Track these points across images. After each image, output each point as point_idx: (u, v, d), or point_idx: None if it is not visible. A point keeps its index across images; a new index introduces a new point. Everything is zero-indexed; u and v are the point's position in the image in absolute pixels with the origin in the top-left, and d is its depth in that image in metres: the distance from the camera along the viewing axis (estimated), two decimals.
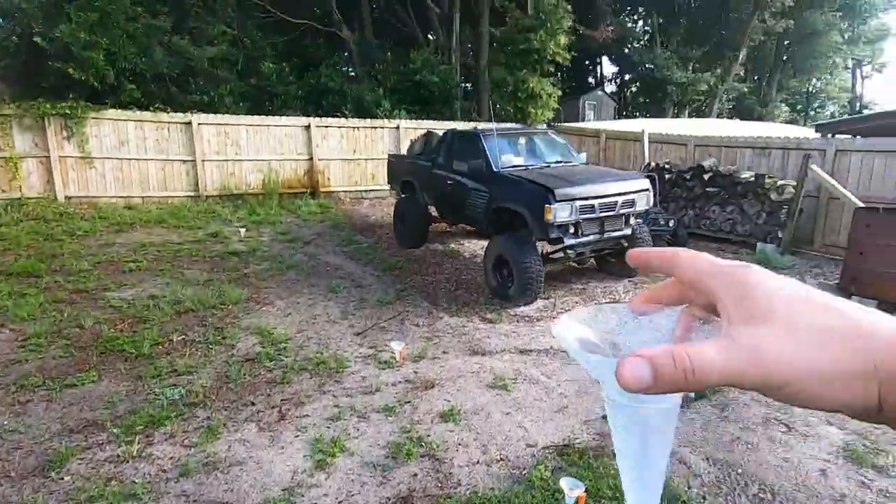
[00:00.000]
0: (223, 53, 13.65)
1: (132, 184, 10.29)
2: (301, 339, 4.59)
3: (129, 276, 6.19)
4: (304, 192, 11.84)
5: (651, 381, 0.27)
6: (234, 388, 3.71)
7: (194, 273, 6.40)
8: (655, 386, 0.27)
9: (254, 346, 4.41)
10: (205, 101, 12.44)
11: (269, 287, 5.99)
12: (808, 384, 0.26)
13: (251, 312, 5.17)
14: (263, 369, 3.99)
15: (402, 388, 3.73)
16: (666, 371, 0.27)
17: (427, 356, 4.26)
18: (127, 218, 9.08)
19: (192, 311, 5.13)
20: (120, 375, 3.85)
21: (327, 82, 14.71)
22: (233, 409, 3.42)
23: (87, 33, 9.86)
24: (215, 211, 10.10)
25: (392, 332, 4.77)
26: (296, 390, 3.68)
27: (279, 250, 7.68)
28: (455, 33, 17.08)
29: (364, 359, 4.20)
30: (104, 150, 9.97)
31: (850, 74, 36.10)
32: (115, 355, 4.16)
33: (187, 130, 10.65)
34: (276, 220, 9.78)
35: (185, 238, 8.20)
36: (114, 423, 3.23)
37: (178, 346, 4.38)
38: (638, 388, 0.28)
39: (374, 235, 8.86)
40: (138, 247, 7.50)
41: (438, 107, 15.21)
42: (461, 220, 6.96)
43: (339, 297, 5.67)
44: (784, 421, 3.30)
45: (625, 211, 5.61)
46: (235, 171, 11.25)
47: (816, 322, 0.27)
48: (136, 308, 5.15)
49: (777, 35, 18.97)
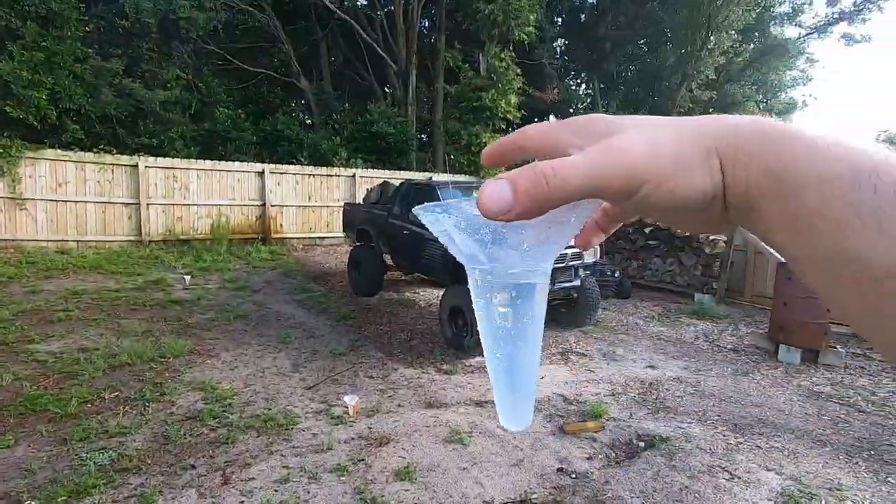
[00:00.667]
0: (176, 97, 13.50)
1: (67, 227, 9.71)
2: (248, 393, 4.37)
3: (57, 327, 5.73)
4: (256, 238, 11.58)
5: (511, 197, 0.27)
6: (173, 449, 3.45)
7: (132, 323, 6.02)
8: (517, 202, 0.27)
9: (196, 402, 4.15)
10: (154, 144, 12.14)
11: (215, 338, 5.71)
12: (663, 172, 0.27)
13: (194, 366, 4.89)
14: (206, 428, 3.75)
15: (355, 444, 3.61)
16: (525, 182, 0.27)
17: (381, 410, 4.15)
18: (58, 263, 8.50)
19: (127, 364, 4.80)
20: (41, 439, 3.50)
21: (283, 129, 14.78)
22: (170, 474, 3.17)
23: (29, 72, 9.53)
24: (158, 257, 9.65)
25: (345, 385, 4.64)
26: (241, 451, 3.47)
27: (226, 299, 7.39)
28: (411, 88, 17.77)
29: (315, 414, 4.05)
30: (38, 191, 9.43)
31: None
32: (37, 416, 3.79)
33: (133, 173, 10.30)
34: (225, 266, 9.45)
35: (124, 285, 7.75)
36: (31, 494, 2.91)
37: (111, 404, 4.05)
38: (499, 209, 0.27)
39: (328, 284, 8.71)
40: (70, 294, 7.01)
41: (394, 157, 15.55)
42: (417, 270, 7.01)
43: (290, 349, 5.48)
44: (727, 469, 3.44)
45: (574, 263, 5.87)
46: (183, 215, 10.89)
47: (663, 122, 0.29)
48: (64, 362, 4.75)
49: (703, 103, 21.15)
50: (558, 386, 4.76)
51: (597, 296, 6.46)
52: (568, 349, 5.82)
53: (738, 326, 7.12)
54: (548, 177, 0.26)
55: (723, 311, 7.78)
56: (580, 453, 3.58)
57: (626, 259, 9.45)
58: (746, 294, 8.48)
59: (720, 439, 3.84)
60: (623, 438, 3.81)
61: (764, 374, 5.30)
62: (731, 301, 8.34)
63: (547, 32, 21.16)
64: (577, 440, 3.76)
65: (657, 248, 9.04)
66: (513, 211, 0.27)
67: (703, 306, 7.75)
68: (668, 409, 4.35)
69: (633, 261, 9.37)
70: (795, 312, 5.58)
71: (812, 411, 4.42)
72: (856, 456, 3.67)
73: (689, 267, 8.61)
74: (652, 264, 9.10)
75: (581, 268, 6.03)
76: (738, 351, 6.07)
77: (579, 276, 6.03)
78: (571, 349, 5.83)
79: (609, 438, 3.80)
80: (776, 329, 5.81)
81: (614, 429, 3.95)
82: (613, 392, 4.68)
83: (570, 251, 5.83)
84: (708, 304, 7.88)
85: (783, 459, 3.58)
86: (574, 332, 6.49)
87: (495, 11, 15.59)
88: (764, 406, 4.49)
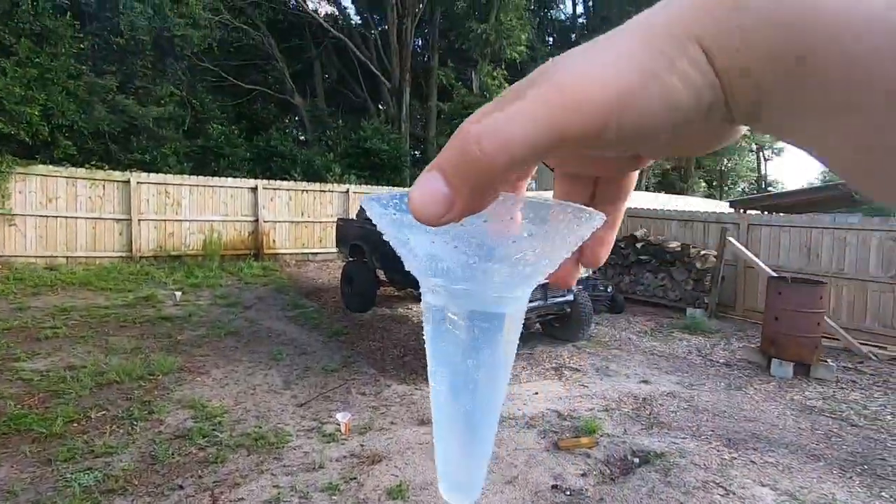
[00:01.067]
0: (169, 114, 13.55)
1: (57, 243, 9.62)
2: (238, 411, 4.30)
3: (43, 345, 5.64)
4: (248, 254, 11.52)
5: (445, 185, 0.20)
6: (161, 469, 3.38)
7: (121, 340, 5.94)
8: (452, 187, 0.20)
9: (185, 420, 4.08)
10: (147, 160, 12.13)
11: (205, 355, 5.64)
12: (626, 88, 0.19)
13: (183, 383, 4.82)
14: (195, 447, 3.68)
15: (347, 463, 3.55)
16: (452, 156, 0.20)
17: (374, 427, 4.11)
18: (47, 279, 8.40)
19: (115, 383, 4.71)
20: (24, 460, 3.41)
21: (277, 145, 14.84)
22: (157, 495, 3.10)
23: (22, 88, 9.53)
24: (149, 273, 9.56)
25: (337, 401, 4.59)
26: (231, 470, 3.41)
27: (218, 315, 7.32)
28: (405, 105, 17.98)
29: (307, 432, 3.99)
30: (28, 206, 9.36)
31: (754, 156, 40.98)
32: (21, 436, 3.70)
33: (125, 188, 10.26)
34: (216, 282, 9.38)
35: (113, 302, 7.66)
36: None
37: (98, 423, 3.97)
38: (436, 211, 0.20)
39: (321, 300, 8.66)
40: (57, 311, 6.91)
41: (388, 173, 15.64)
42: (411, 285, 7.00)
43: (282, 365, 5.42)
44: (722, 484, 3.42)
45: None
46: (175, 231, 10.83)
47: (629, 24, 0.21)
48: (50, 380, 4.66)
49: None
50: (552, 401, 4.74)
51: (590, 310, 6.47)
52: (562, 364, 5.81)
53: (730, 341, 7.15)
54: (481, 138, 0.19)
55: (714, 325, 7.82)
56: (574, 470, 3.55)
57: (619, 274, 9.50)
58: (738, 308, 8.54)
59: (714, 454, 3.83)
60: (617, 454, 3.79)
61: (757, 389, 5.31)
62: (722, 315, 8.39)
63: (538, 51, 21.59)
64: (571, 456, 3.74)
65: (648, 263, 9.10)
66: (455, 207, 0.20)
67: (695, 321, 7.79)
68: (662, 425, 4.34)
69: (626, 275, 9.42)
70: (785, 327, 5.62)
71: (805, 426, 4.43)
72: (849, 470, 3.67)
73: (680, 282, 8.67)
74: (644, 279, 9.15)
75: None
76: (730, 365, 6.08)
77: (572, 290, 6.04)
78: (565, 364, 5.81)
79: (603, 454, 3.78)
80: (768, 343, 5.84)
81: (608, 445, 3.93)
82: (607, 407, 4.67)
83: None
84: (700, 318, 7.91)
85: (777, 474, 3.57)
86: (567, 346, 6.48)
87: (487, 31, 15.90)
88: (757, 421, 4.49)
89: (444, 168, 0.20)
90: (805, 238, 7.91)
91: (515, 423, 4.25)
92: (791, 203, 9.82)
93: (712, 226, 9.05)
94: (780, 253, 8.16)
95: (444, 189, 0.20)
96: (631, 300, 9.08)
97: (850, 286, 7.37)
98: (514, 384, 5.13)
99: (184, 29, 13.27)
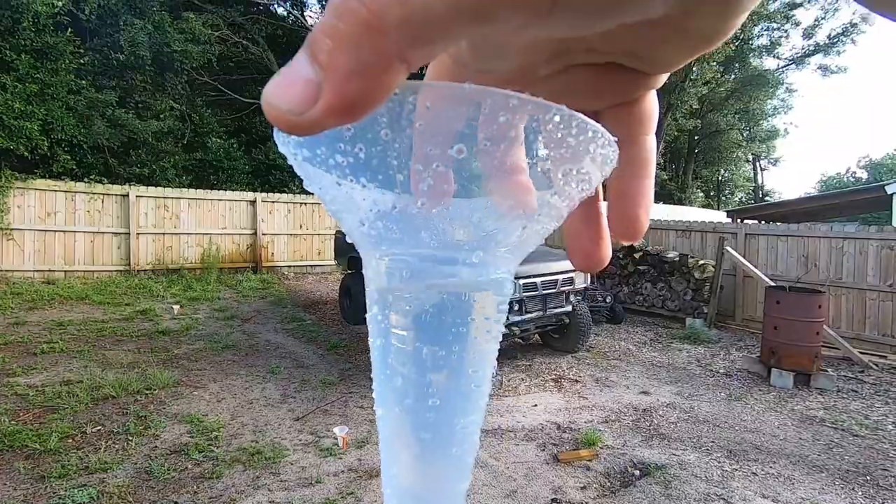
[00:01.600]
0: (169, 128, 13.61)
1: (55, 257, 9.62)
2: (235, 426, 4.26)
3: (40, 359, 5.60)
4: (247, 267, 11.51)
5: (308, 65, 0.13)
6: (156, 485, 3.34)
7: (118, 355, 5.90)
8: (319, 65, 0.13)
9: (181, 435, 4.04)
10: (146, 174, 12.17)
11: (202, 369, 5.60)
12: None
13: (180, 398, 4.78)
14: (191, 462, 3.64)
15: (344, 477, 3.52)
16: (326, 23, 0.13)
17: (372, 441, 4.07)
18: (44, 294, 8.37)
19: (111, 397, 4.68)
20: (17, 476, 3.37)
21: (276, 159, 14.89)
22: None
23: (22, 104, 9.59)
24: (147, 286, 9.54)
25: (335, 415, 4.55)
26: (227, 486, 3.37)
27: (215, 328, 7.29)
28: None
29: (304, 446, 3.95)
30: (26, 221, 9.37)
31: (751, 166, 41.19)
32: (15, 452, 3.66)
33: (123, 202, 10.28)
34: (214, 295, 9.35)
35: (111, 316, 7.63)
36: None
37: (93, 438, 3.93)
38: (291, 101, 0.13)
39: (319, 312, 8.64)
40: (54, 325, 6.88)
41: None
42: None
43: (279, 379, 5.39)
44: (723, 496, 3.38)
45: (565, 288, 5.88)
46: (173, 244, 10.84)
47: None
48: (46, 395, 4.63)
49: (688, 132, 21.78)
50: (551, 413, 4.70)
51: (588, 321, 6.46)
52: (561, 375, 5.78)
53: (730, 350, 7.13)
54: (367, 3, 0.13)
55: (714, 335, 7.79)
56: (574, 483, 3.52)
57: (618, 284, 9.49)
58: (737, 318, 8.52)
59: (715, 466, 3.79)
60: (618, 467, 3.75)
61: (757, 399, 5.28)
62: (721, 325, 8.37)
63: None
64: (571, 469, 3.70)
65: (647, 273, 9.10)
66: (324, 96, 0.13)
67: (694, 331, 7.76)
68: (663, 436, 4.30)
69: (625, 286, 9.41)
70: (786, 336, 5.60)
71: (806, 436, 4.39)
72: (851, 481, 3.63)
73: (679, 292, 8.66)
74: (643, 289, 9.14)
75: (573, 293, 6.04)
76: (730, 375, 6.05)
77: (571, 301, 6.03)
78: (564, 375, 5.78)
79: (603, 467, 3.74)
80: (767, 353, 5.82)
81: (608, 457, 3.89)
82: (607, 419, 4.63)
83: (562, 276, 5.85)
84: (699, 328, 7.89)
85: (779, 486, 3.53)
86: (566, 358, 6.45)
87: None
88: (758, 431, 4.46)
89: (310, 42, 0.13)
90: (803, 247, 7.92)
91: (514, 435, 4.21)
92: (788, 212, 9.86)
93: (710, 235, 9.07)
94: (777, 262, 8.18)
95: (306, 71, 0.13)
96: (630, 310, 9.06)
97: (849, 295, 7.37)
98: (513, 396, 5.10)
99: (183, 44, 13.39)
